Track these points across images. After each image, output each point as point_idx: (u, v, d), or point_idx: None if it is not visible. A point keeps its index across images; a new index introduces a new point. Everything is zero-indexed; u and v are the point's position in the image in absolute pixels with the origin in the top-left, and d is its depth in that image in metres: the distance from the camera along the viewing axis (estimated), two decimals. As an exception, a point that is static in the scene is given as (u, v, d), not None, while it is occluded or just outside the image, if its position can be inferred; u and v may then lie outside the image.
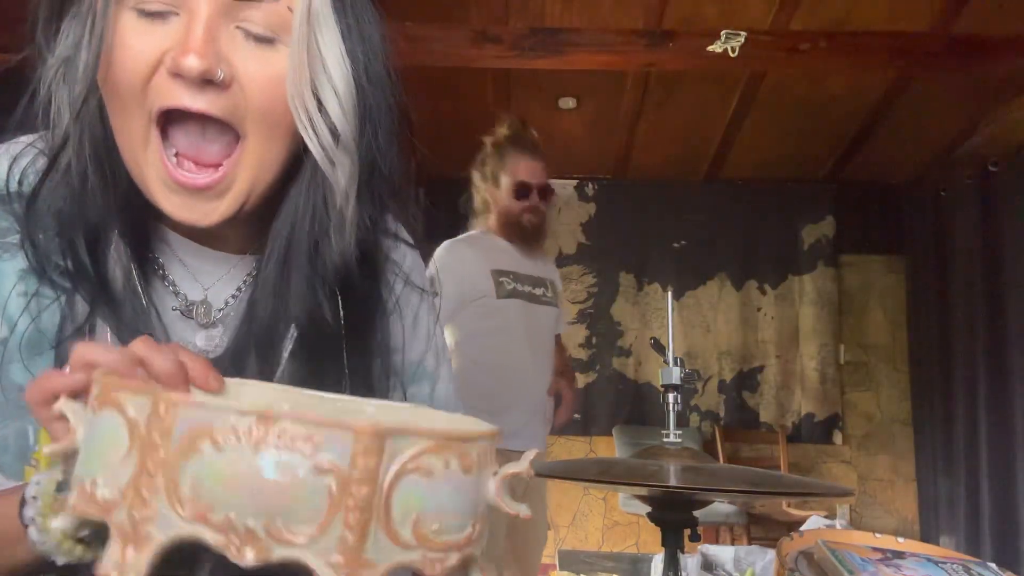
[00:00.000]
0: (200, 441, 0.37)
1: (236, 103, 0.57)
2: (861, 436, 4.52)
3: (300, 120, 0.58)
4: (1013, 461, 3.68)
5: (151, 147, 0.58)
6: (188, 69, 0.54)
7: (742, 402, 4.51)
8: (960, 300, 4.12)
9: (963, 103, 3.62)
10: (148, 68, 0.56)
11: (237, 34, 0.57)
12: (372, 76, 0.62)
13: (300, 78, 0.58)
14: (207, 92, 0.56)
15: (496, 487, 0.43)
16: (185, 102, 0.56)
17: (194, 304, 0.67)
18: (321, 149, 0.59)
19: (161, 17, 0.56)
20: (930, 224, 4.36)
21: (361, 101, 0.61)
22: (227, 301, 0.69)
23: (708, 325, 4.53)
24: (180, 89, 0.56)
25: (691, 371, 0.88)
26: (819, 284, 4.51)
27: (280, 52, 0.58)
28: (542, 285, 2.43)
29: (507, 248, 2.38)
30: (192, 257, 0.67)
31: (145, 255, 0.65)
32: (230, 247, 0.68)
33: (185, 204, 0.58)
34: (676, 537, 0.81)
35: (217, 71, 0.55)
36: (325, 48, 0.59)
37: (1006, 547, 3.69)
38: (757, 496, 1.10)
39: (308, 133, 0.59)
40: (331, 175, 0.61)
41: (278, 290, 0.64)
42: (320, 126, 0.59)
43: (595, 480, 0.83)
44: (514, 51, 3.03)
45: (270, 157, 0.60)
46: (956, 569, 0.86)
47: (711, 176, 4.52)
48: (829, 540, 0.88)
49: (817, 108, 3.75)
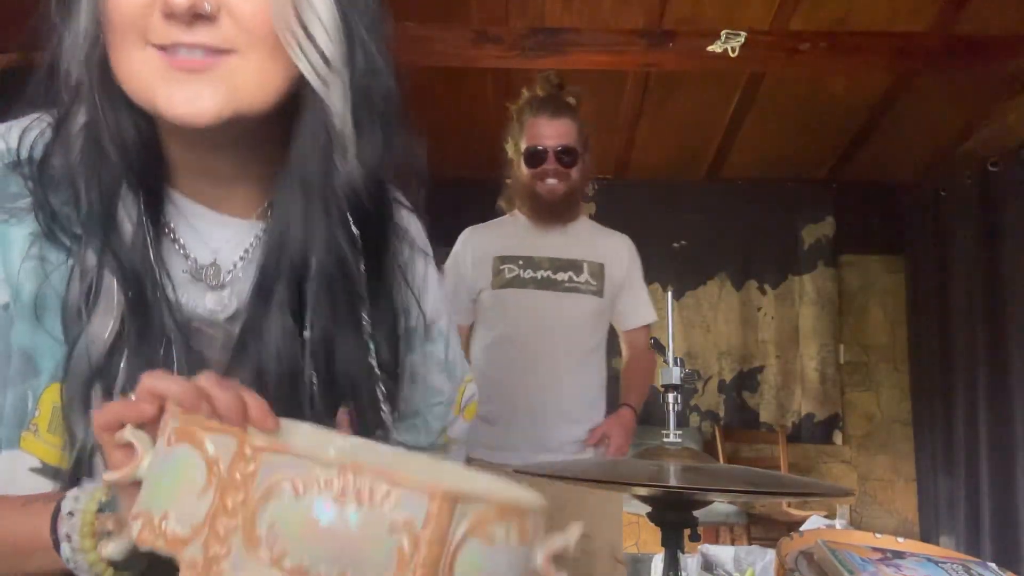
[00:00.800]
0: (282, 487, 0.39)
1: (228, 32, 0.59)
2: (861, 436, 4.53)
3: (288, 43, 0.60)
4: (1013, 461, 3.68)
5: (148, 53, 0.59)
6: (176, 5, 0.56)
7: (742, 402, 4.51)
8: (960, 300, 4.12)
9: (963, 103, 3.62)
10: (141, 8, 0.58)
11: None
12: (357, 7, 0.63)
13: (283, 4, 0.59)
14: (199, 26, 0.58)
15: (544, 560, 0.44)
16: (181, 38, 0.58)
17: (204, 267, 0.68)
18: (311, 68, 0.61)
19: None
20: (930, 224, 4.36)
21: (346, 26, 0.62)
22: (235, 263, 0.70)
23: (708, 325, 4.53)
24: (173, 27, 0.58)
25: (691, 371, 0.88)
26: (819, 284, 4.51)
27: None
28: (571, 268, 2.10)
29: (528, 228, 2.13)
30: (200, 220, 0.69)
31: (156, 218, 0.66)
32: (237, 209, 0.70)
33: (183, 94, 0.59)
34: (676, 537, 0.81)
35: (204, 4, 0.57)
36: None
37: (1006, 547, 3.69)
38: (757, 496, 1.11)
39: (297, 54, 0.60)
40: (326, 96, 0.62)
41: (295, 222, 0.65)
42: (309, 48, 0.60)
43: (595, 480, 0.83)
44: (514, 51, 3.03)
45: (267, 76, 0.61)
46: (956, 569, 0.86)
47: (711, 176, 4.52)
48: (829, 540, 0.88)
49: (817, 108, 3.75)
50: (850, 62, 3.13)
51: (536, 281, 2.08)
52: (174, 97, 0.59)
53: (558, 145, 2.04)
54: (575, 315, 2.08)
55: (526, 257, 2.09)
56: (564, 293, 2.07)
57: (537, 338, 2.06)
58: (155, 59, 0.59)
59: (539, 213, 2.10)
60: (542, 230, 2.11)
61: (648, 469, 0.78)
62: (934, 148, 4.10)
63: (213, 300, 0.69)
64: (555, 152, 2.04)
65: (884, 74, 3.42)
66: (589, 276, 2.10)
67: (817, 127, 3.96)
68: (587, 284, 2.10)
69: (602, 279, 2.12)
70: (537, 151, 2.05)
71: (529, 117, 2.09)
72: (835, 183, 4.54)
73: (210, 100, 0.59)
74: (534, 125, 2.07)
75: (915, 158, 4.24)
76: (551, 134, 2.05)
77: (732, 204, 4.54)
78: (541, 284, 2.08)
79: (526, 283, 2.08)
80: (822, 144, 4.18)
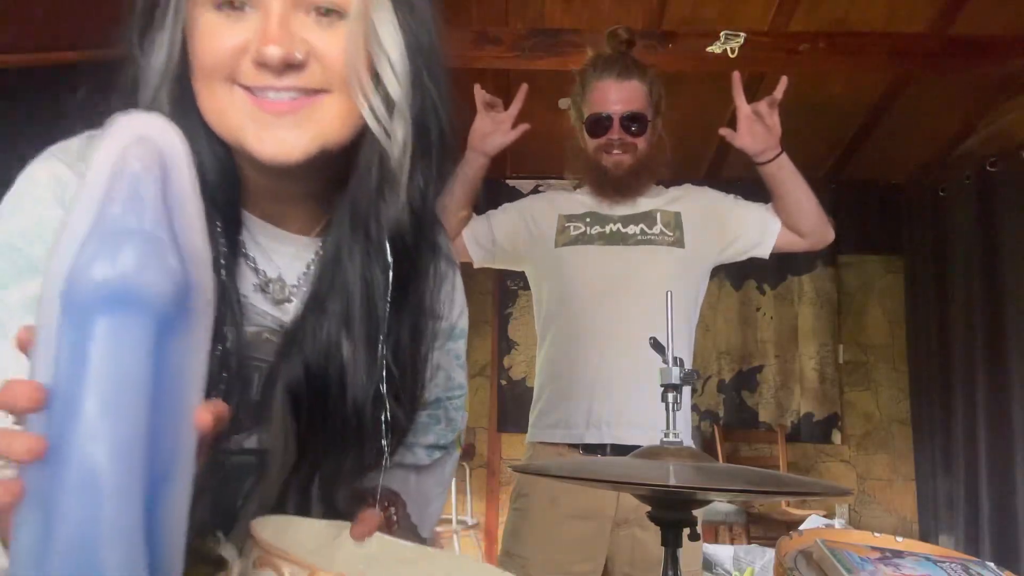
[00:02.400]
0: None
1: (315, 75, 0.63)
2: (860, 436, 4.53)
3: (355, 92, 0.64)
4: (1012, 460, 3.68)
5: (237, 94, 0.63)
6: (270, 58, 0.60)
7: (741, 402, 4.52)
8: (959, 300, 4.12)
9: (962, 103, 3.62)
10: (232, 57, 0.62)
11: (308, 15, 0.63)
12: (423, 44, 0.67)
13: (357, 52, 0.63)
14: (289, 73, 0.62)
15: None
16: (271, 83, 0.62)
17: (271, 280, 0.74)
18: (374, 117, 0.64)
19: (237, 11, 0.62)
20: (929, 224, 4.37)
21: (414, 70, 0.66)
22: (299, 278, 0.75)
23: (707, 325, 4.53)
24: (264, 73, 0.62)
25: (691, 370, 0.88)
26: (818, 284, 4.51)
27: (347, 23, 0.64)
28: (642, 220, 1.87)
29: (591, 200, 1.91)
30: (265, 237, 0.74)
31: (233, 238, 0.70)
32: (298, 227, 0.75)
33: (273, 137, 0.63)
34: (676, 536, 0.81)
35: (295, 54, 0.61)
36: (380, 23, 0.64)
37: (1005, 546, 3.69)
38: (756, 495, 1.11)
39: (361, 102, 0.64)
40: (385, 143, 0.66)
41: (343, 244, 0.70)
42: (374, 96, 0.64)
43: (595, 480, 0.83)
44: (514, 51, 3.04)
45: (349, 114, 0.65)
46: (955, 568, 0.87)
47: (711, 176, 4.51)
48: (828, 539, 0.89)
49: (816, 108, 3.75)
50: (849, 62, 3.13)
51: (604, 236, 1.85)
52: (264, 139, 0.62)
53: (624, 111, 1.82)
54: (650, 270, 1.80)
55: (593, 213, 1.88)
56: (636, 247, 1.83)
57: (607, 299, 1.79)
58: (244, 100, 0.62)
59: (604, 189, 1.87)
60: (610, 205, 1.88)
61: (648, 469, 0.78)
62: (933, 148, 4.10)
63: (280, 312, 0.74)
64: (620, 119, 1.82)
65: (883, 74, 3.42)
66: (663, 226, 1.86)
67: (816, 127, 3.96)
68: (662, 235, 1.85)
69: (679, 228, 1.87)
70: (600, 118, 1.83)
71: (593, 79, 1.87)
72: (834, 183, 4.54)
73: (298, 141, 0.63)
74: (598, 88, 1.85)
75: (914, 158, 4.24)
76: (617, 99, 1.82)
77: (731, 204, 4.53)
78: (610, 239, 1.84)
79: (593, 239, 1.85)
80: (821, 144, 4.18)
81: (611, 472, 0.81)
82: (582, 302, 1.83)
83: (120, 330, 0.43)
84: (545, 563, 1.77)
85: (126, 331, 0.43)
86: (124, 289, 0.42)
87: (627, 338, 1.74)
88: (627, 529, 1.78)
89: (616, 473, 0.78)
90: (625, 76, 1.84)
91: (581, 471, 0.84)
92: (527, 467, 1.10)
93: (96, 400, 0.41)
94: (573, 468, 0.93)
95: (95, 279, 0.42)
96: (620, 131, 1.83)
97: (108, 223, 0.44)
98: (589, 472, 0.82)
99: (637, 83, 1.85)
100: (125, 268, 0.43)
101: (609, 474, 0.79)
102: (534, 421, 1.91)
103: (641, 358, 1.54)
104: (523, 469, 0.91)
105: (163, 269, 0.44)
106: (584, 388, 1.79)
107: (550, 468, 0.97)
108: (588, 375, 1.79)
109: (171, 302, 0.44)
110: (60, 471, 0.41)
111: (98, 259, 0.42)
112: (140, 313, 0.43)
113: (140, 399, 0.43)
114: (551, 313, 1.89)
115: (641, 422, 1.72)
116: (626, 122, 1.83)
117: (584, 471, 0.84)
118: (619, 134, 1.83)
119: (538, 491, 1.81)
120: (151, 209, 0.45)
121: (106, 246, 0.43)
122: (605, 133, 1.84)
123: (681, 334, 1.75)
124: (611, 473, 0.80)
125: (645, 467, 0.79)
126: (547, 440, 1.84)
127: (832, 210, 4.48)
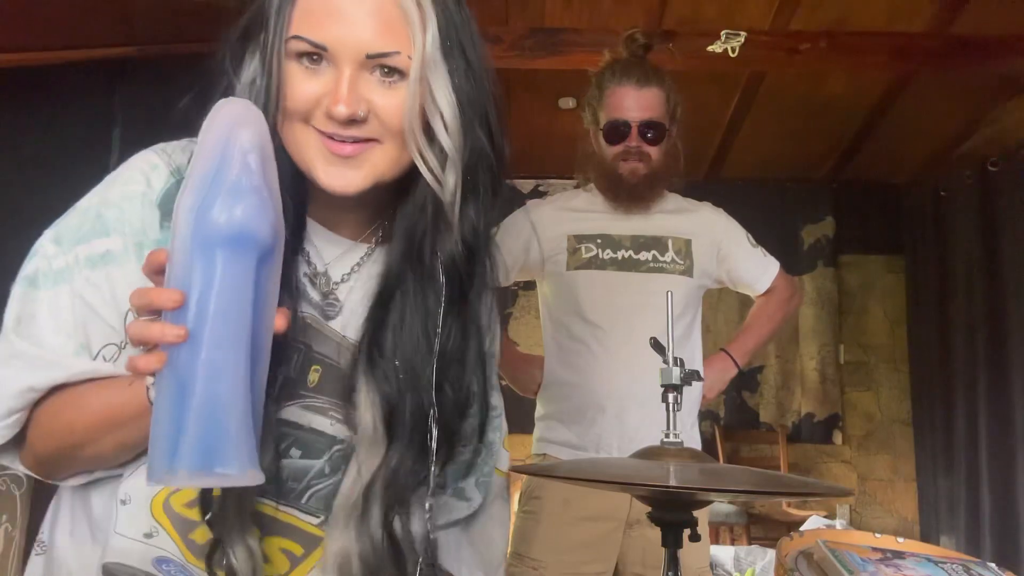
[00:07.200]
0: None
1: (373, 128, 0.75)
2: (861, 436, 4.53)
3: (411, 147, 0.76)
4: (1013, 461, 3.68)
5: (311, 135, 0.76)
6: (338, 115, 0.73)
7: (742, 402, 4.51)
8: (960, 300, 4.12)
9: (963, 103, 3.62)
10: (310, 105, 0.75)
11: (373, 77, 0.75)
12: (475, 99, 0.78)
13: (413, 111, 0.74)
14: (353, 125, 0.74)
15: None
16: (338, 131, 0.75)
17: (319, 274, 0.85)
18: (428, 170, 0.76)
19: (315, 64, 0.74)
20: (930, 224, 4.36)
21: (465, 119, 0.76)
22: (343, 276, 0.86)
23: (708, 325, 4.51)
24: (333, 123, 0.74)
25: (691, 371, 0.88)
26: (819, 284, 4.51)
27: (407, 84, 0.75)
28: (654, 247, 1.88)
29: (604, 208, 1.89)
30: (319, 238, 0.86)
31: (298, 233, 0.82)
32: (346, 231, 0.87)
33: (337, 173, 0.76)
34: (676, 537, 0.81)
35: (359, 112, 0.73)
36: (435, 84, 0.75)
37: (1006, 547, 3.69)
38: (757, 496, 1.11)
39: (417, 157, 0.76)
40: (438, 191, 0.77)
41: (396, 262, 0.81)
42: (427, 152, 0.76)
43: (595, 480, 0.83)
44: (514, 51, 3.03)
45: (397, 158, 0.77)
46: (956, 569, 0.86)
47: (711, 176, 4.51)
48: (829, 540, 0.88)
49: (817, 108, 3.75)
50: (849, 62, 3.13)
51: (617, 262, 1.84)
52: (330, 176, 0.76)
53: (643, 119, 1.81)
54: (661, 299, 1.86)
55: (605, 235, 1.86)
56: (648, 274, 1.85)
57: (619, 325, 1.81)
58: (315, 139, 0.76)
59: (618, 196, 1.86)
60: (623, 213, 1.88)
61: (648, 469, 0.78)
62: (934, 148, 4.10)
63: (323, 302, 0.85)
64: (638, 127, 1.81)
65: (883, 74, 3.42)
66: (675, 254, 1.88)
67: (817, 127, 3.96)
68: (673, 263, 1.88)
69: (690, 257, 1.91)
70: (618, 125, 1.81)
71: (612, 84, 1.84)
72: (835, 183, 4.54)
73: (356, 179, 0.76)
74: (616, 94, 1.82)
75: (915, 158, 4.24)
76: (635, 106, 1.80)
77: (732, 204, 4.47)
78: (622, 265, 1.84)
79: (605, 264, 1.84)
80: (822, 144, 4.18)
81: (611, 472, 0.81)
82: (593, 328, 1.84)
83: (236, 260, 0.60)
84: (558, 565, 1.77)
85: (239, 262, 0.60)
86: (240, 232, 0.60)
87: (639, 365, 1.72)
88: (639, 530, 1.78)
89: (617, 473, 0.78)
90: (644, 83, 1.83)
91: (582, 472, 0.84)
92: (527, 467, 1.10)
93: (218, 307, 0.59)
94: (574, 469, 0.93)
95: (220, 224, 0.60)
96: (638, 139, 1.82)
97: (228, 183, 0.61)
98: (590, 472, 0.82)
99: (656, 90, 1.84)
100: (241, 218, 0.60)
101: (609, 474, 0.79)
102: (541, 435, 1.91)
103: (650, 384, 1.58)
104: (523, 469, 0.91)
105: (265, 219, 0.62)
106: (594, 412, 1.81)
107: (550, 469, 0.96)
108: (598, 401, 1.80)
109: (269, 242, 0.62)
110: (193, 356, 0.58)
111: (224, 210, 0.60)
112: (250, 249, 0.61)
113: (246, 307, 0.60)
114: (560, 333, 1.90)
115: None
116: (644, 130, 1.82)
117: (585, 471, 0.84)
118: (637, 142, 1.82)
119: (550, 493, 1.82)
120: (256, 174, 0.62)
121: (228, 200, 0.60)
122: (623, 140, 1.83)
123: (692, 356, 1.92)
124: (611, 473, 0.80)
125: (645, 467, 0.79)
126: (556, 456, 1.86)
127: (833, 210, 4.52)
